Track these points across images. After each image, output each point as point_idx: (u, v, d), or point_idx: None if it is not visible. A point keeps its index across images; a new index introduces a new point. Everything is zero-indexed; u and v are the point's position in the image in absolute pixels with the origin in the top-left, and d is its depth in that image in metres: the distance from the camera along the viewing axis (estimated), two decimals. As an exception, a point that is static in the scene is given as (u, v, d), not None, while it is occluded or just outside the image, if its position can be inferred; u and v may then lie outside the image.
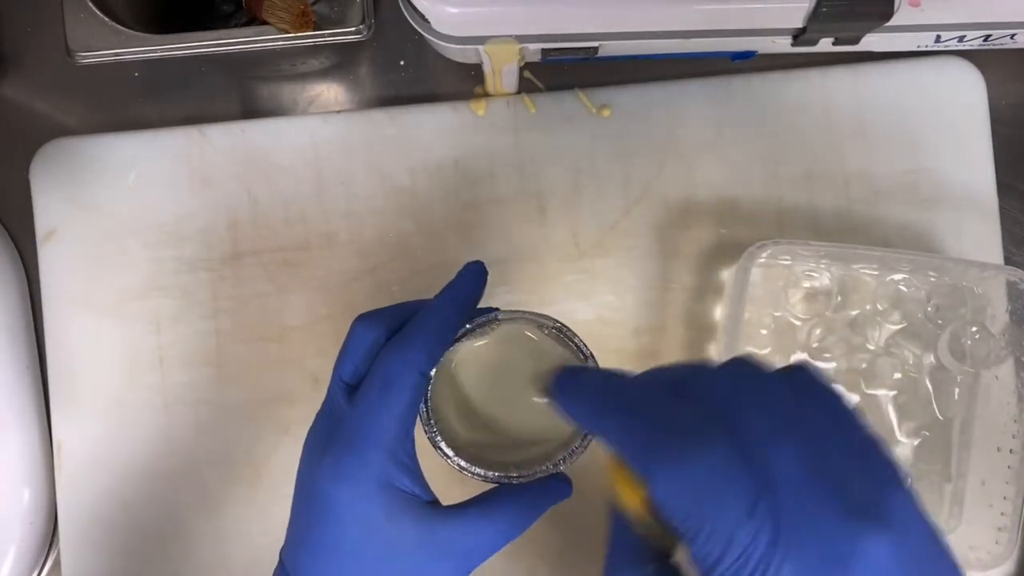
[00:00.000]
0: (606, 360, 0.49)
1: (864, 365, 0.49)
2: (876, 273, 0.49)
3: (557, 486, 0.31)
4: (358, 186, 0.53)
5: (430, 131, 0.53)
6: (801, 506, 0.21)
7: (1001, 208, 0.53)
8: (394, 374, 0.29)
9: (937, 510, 0.49)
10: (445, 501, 0.32)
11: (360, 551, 0.28)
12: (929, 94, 0.53)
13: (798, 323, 0.50)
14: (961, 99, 0.53)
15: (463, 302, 0.33)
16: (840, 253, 0.47)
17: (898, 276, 0.49)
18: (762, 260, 0.47)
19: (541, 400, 0.34)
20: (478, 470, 0.32)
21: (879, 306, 0.49)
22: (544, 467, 0.32)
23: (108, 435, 0.52)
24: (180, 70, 0.55)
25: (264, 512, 0.51)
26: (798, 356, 0.49)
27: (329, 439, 0.30)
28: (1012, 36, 0.48)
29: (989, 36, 0.48)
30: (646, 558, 0.25)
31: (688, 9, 0.44)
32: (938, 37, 0.48)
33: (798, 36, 0.47)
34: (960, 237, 0.52)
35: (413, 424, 0.31)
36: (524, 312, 0.34)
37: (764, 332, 0.50)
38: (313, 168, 0.53)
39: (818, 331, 0.49)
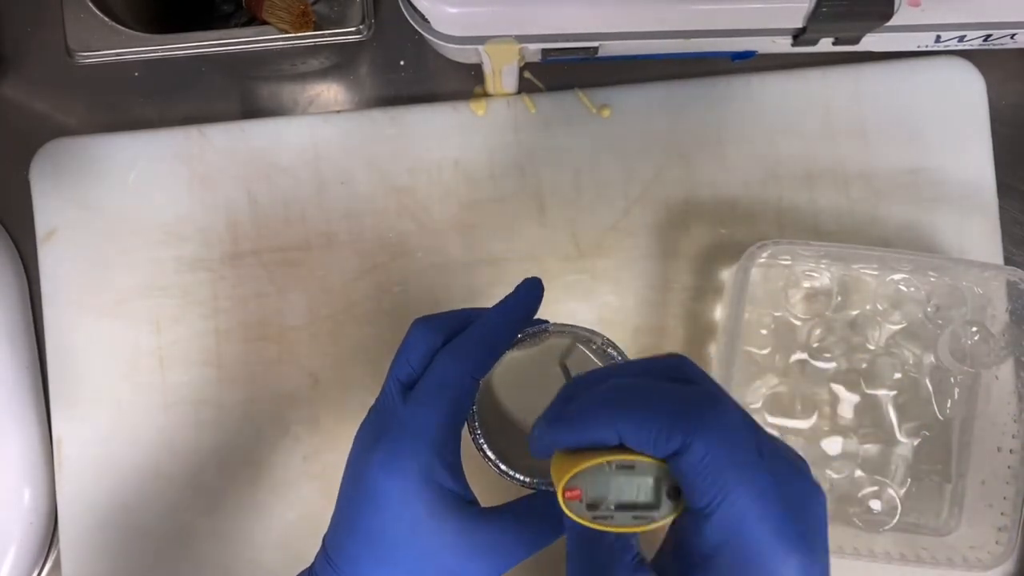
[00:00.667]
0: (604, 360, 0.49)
1: (864, 365, 0.49)
2: (876, 273, 0.49)
3: (547, 519, 0.32)
4: (358, 186, 0.53)
5: (430, 131, 0.53)
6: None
7: (1001, 208, 0.53)
8: (449, 378, 0.31)
9: (937, 510, 0.49)
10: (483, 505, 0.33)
11: (401, 541, 0.30)
12: (929, 94, 0.53)
13: (798, 323, 0.50)
14: (961, 99, 0.53)
15: (519, 316, 0.34)
16: (840, 253, 0.47)
17: (898, 276, 0.49)
18: (762, 260, 0.47)
19: None
20: (518, 475, 0.33)
21: (879, 306, 0.49)
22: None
23: (108, 435, 0.52)
24: (180, 70, 0.55)
25: (264, 512, 0.51)
26: (798, 356, 0.49)
27: (381, 433, 0.31)
28: (1012, 36, 0.48)
29: (989, 36, 0.48)
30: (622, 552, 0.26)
31: (688, 9, 0.44)
32: (938, 37, 0.48)
33: (798, 36, 0.47)
34: (960, 237, 0.52)
35: (461, 427, 0.32)
36: (574, 327, 0.35)
37: (764, 332, 0.50)
38: (313, 168, 0.53)
39: (818, 331, 0.49)
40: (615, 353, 0.35)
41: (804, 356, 0.49)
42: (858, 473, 0.48)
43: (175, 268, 0.52)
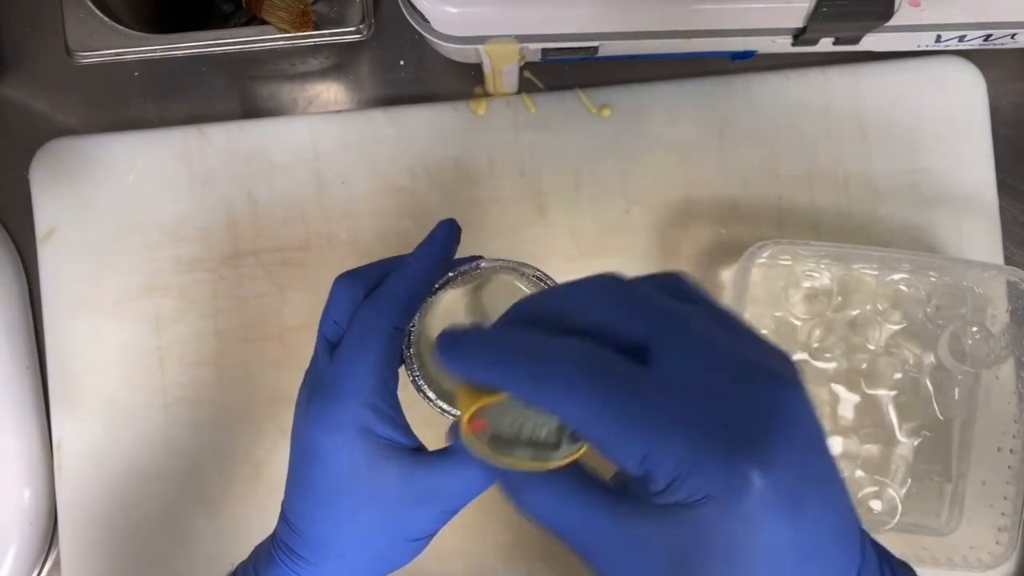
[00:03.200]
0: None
1: (864, 365, 0.49)
2: (876, 273, 0.49)
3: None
4: (358, 186, 0.53)
5: (430, 131, 0.53)
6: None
7: (1001, 208, 0.53)
8: (369, 328, 0.31)
9: (937, 510, 0.49)
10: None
11: (347, 494, 0.30)
12: (929, 94, 0.53)
13: (798, 323, 0.50)
14: (961, 99, 0.53)
15: (435, 257, 0.34)
16: (840, 253, 0.47)
17: (898, 276, 0.49)
18: (762, 260, 0.47)
19: None
20: (458, 412, 0.32)
21: (879, 306, 0.49)
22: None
23: (108, 435, 0.52)
24: (180, 70, 0.55)
25: (264, 511, 0.51)
26: (798, 356, 0.49)
27: (312, 392, 0.31)
28: (1012, 36, 0.48)
29: (989, 36, 0.48)
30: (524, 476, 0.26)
31: (688, 9, 0.44)
32: (938, 37, 0.48)
33: (798, 36, 0.47)
34: (960, 237, 0.52)
35: (393, 375, 0.32)
36: (506, 260, 0.35)
37: (764, 332, 0.50)
38: (313, 168, 0.53)
39: (818, 331, 0.49)
40: (549, 283, 0.34)
41: (804, 356, 0.49)
42: (858, 473, 0.48)
43: (174, 268, 0.52)
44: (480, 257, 0.36)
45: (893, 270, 0.49)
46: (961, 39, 0.48)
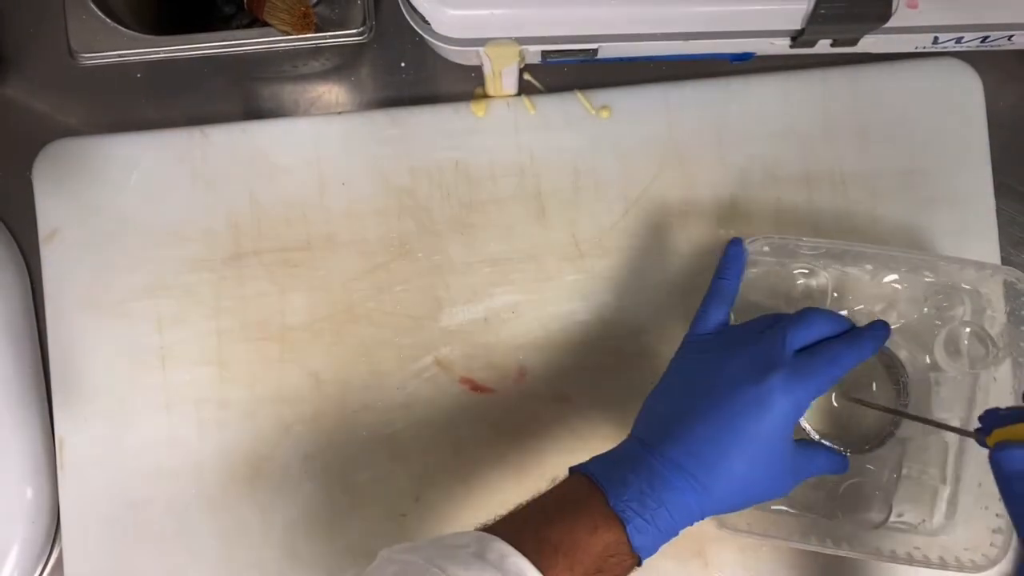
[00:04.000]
0: (604, 361, 0.50)
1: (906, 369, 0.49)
2: (872, 272, 0.49)
3: (844, 461, 0.44)
4: (359, 186, 0.53)
5: (431, 132, 0.53)
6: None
7: (999, 209, 0.53)
8: (843, 356, 0.41)
9: (931, 511, 0.49)
10: None
11: (766, 442, 0.39)
12: (927, 95, 0.53)
13: None
14: (959, 100, 0.53)
15: (876, 341, 0.43)
16: (835, 248, 0.47)
17: (895, 276, 0.49)
18: (759, 258, 0.48)
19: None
20: (824, 441, 0.46)
21: (876, 307, 0.49)
22: (851, 448, 0.46)
23: (110, 434, 0.52)
24: (182, 71, 0.55)
25: (265, 510, 0.52)
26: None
27: (777, 366, 0.39)
28: (1009, 37, 0.48)
29: (987, 37, 0.48)
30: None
31: (687, 11, 0.45)
32: (936, 38, 0.48)
33: (796, 38, 0.47)
34: (958, 238, 0.52)
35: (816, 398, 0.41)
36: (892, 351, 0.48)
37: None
38: (314, 169, 0.53)
39: None
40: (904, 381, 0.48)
41: None
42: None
43: (177, 268, 0.53)
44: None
45: (890, 269, 0.49)
46: (958, 41, 0.48)
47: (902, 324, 0.49)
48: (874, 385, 0.49)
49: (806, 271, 0.50)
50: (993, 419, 0.39)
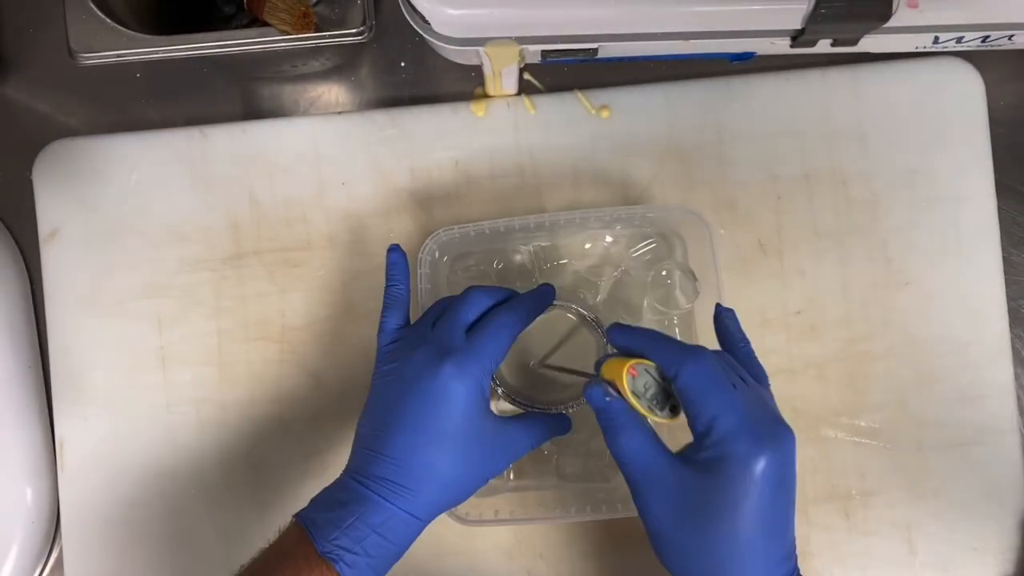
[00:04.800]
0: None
1: (592, 315, 0.49)
2: (586, 236, 0.51)
3: (565, 421, 0.45)
4: (359, 186, 0.53)
5: (431, 132, 0.53)
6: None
7: (1000, 209, 0.53)
8: (505, 325, 0.42)
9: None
10: None
11: (463, 432, 0.39)
12: (927, 95, 0.53)
13: None
14: (959, 100, 0.53)
15: (539, 302, 0.45)
16: (527, 223, 0.47)
17: (608, 235, 0.51)
18: (435, 255, 0.48)
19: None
20: (521, 400, 0.47)
21: (585, 264, 0.51)
22: (561, 408, 0.46)
23: (110, 434, 0.52)
24: (182, 71, 0.55)
25: (265, 509, 0.51)
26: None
27: (446, 354, 0.39)
28: (1010, 37, 0.48)
29: (987, 37, 0.48)
30: (636, 418, 0.39)
31: (687, 11, 0.45)
32: (936, 38, 0.48)
33: (797, 37, 0.47)
34: (958, 237, 0.52)
35: (497, 365, 0.41)
36: (568, 303, 0.48)
37: None
38: (314, 169, 0.53)
39: None
40: (593, 320, 0.48)
41: None
42: None
43: (177, 268, 0.53)
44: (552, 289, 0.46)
45: (598, 229, 0.50)
46: (959, 40, 0.48)
47: (623, 277, 0.50)
48: (589, 344, 0.49)
49: (515, 252, 0.51)
50: (600, 361, 0.42)
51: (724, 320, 0.43)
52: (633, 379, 0.38)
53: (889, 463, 0.51)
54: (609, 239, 0.51)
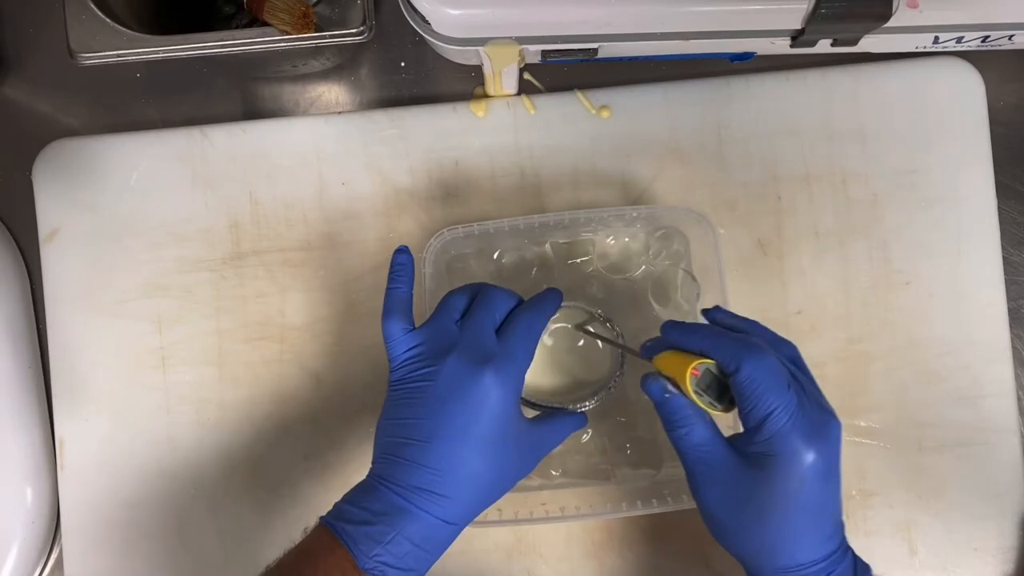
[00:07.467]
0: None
1: (600, 311, 0.49)
2: (583, 236, 0.51)
3: (583, 419, 0.46)
4: (359, 186, 0.53)
5: (431, 132, 0.53)
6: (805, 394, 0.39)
7: (1000, 208, 0.53)
8: (535, 326, 0.42)
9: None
10: None
11: (497, 436, 0.39)
12: (927, 95, 0.53)
13: None
14: (959, 100, 0.53)
15: (553, 302, 0.45)
16: (517, 224, 0.47)
17: (617, 232, 0.51)
18: (440, 253, 0.48)
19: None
20: (541, 402, 0.47)
21: (598, 264, 0.51)
22: (581, 405, 0.47)
23: (110, 434, 0.52)
24: (182, 71, 0.55)
25: (265, 509, 0.52)
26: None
27: (486, 358, 0.40)
28: (1010, 37, 0.48)
29: (987, 37, 0.48)
30: (699, 412, 0.40)
31: (687, 10, 0.45)
32: (936, 38, 0.48)
33: (797, 37, 0.47)
34: (958, 237, 0.52)
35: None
36: (578, 303, 0.49)
37: None
38: (314, 169, 0.53)
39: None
40: (606, 319, 0.49)
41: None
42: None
43: (177, 268, 0.53)
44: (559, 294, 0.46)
45: (609, 228, 0.50)
46: (959, 40, 0.48)
47: (627, 277, 0.51)
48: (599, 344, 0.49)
49: (519, 251, 0.51)
50: (651, 348, 0.43)
51: (717, 319, 0.43)
52: (696, 378, 0.39)
53: (889, 463, 0.51)
54: (611, 240, 0.51)
